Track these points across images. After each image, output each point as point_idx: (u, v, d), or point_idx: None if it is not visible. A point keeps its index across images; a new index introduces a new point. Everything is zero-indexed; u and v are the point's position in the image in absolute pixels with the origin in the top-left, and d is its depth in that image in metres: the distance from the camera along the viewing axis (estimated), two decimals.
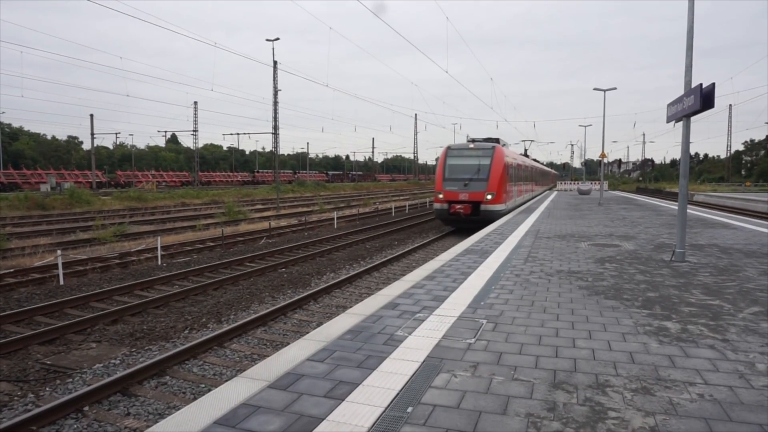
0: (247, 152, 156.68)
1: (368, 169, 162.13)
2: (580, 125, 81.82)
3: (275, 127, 45.66)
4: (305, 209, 39.83)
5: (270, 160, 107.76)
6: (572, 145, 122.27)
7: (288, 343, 7.63)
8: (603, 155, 36.18)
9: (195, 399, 6.40)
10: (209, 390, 6.69)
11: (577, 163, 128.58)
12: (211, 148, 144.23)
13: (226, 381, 4.39)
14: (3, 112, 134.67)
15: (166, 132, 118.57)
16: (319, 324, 9.58)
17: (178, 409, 4.33)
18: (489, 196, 23.05)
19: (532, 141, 61.95)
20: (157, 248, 16.43)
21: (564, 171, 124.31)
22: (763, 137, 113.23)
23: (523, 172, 33.27)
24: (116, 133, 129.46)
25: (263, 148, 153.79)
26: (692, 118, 10.38)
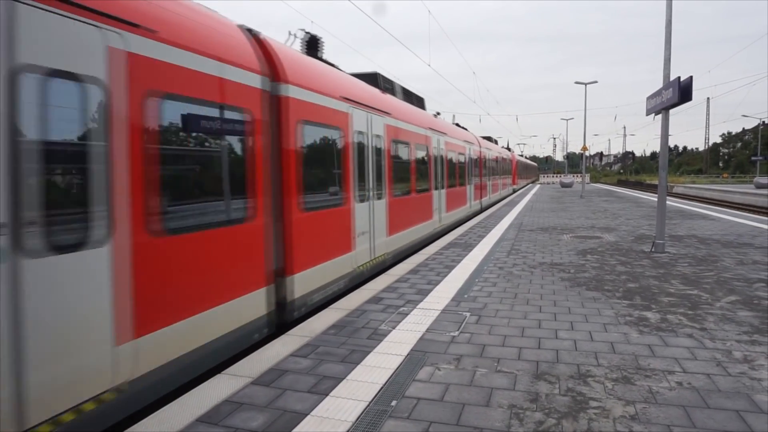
0: None
1: None
2: (562, 119, 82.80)
3: None
4: None
5: None
6: (554, 138, 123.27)
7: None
8: (585, 148, 36.52)
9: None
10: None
11: (559, 157, 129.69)
12: None
13: (209, 379, 4.34)
14: None
15: None
16: None
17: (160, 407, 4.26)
18: None
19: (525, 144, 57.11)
20: None
21: (546, 164, 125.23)
22: (740, 129, 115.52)
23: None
24: None
25: None
26: (671, 111, 10.55)
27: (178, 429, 3.44)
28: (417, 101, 13.83)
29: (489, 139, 32.85)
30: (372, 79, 10.78)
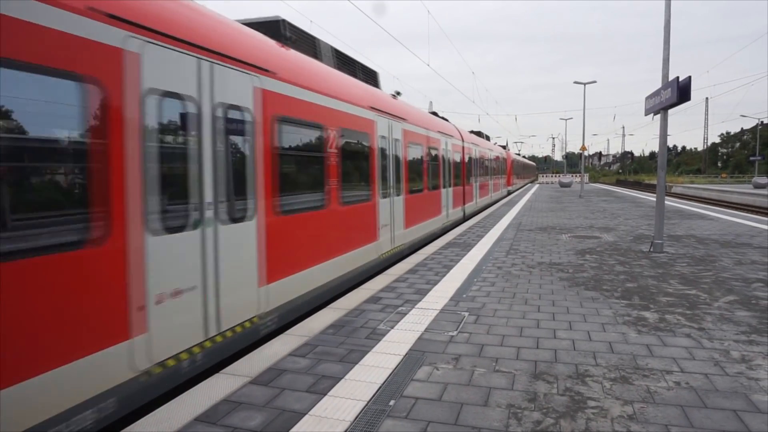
0: None
1: None
2: (560, 118, 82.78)
3: None
4: None
5: None
6: (553, 138, 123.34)
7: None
8: (583, 148, 36.55)
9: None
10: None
11: (558, 156, 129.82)
12: None
13: (207, 378, 4.34)
14: None
15: None
16: None
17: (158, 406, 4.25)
18: None
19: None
20: None
21: (545, 164, 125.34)
22: (738, 129, 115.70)
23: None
24: None
25: None
26: (670, 111, 10.56)
27: (177, 428, 3.44)
28: (362, 73, 10.25)
29: (479, 134, 28.87)
30: (272, 29, 7.04)
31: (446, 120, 18.86)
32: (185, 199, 4.60)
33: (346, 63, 9.55)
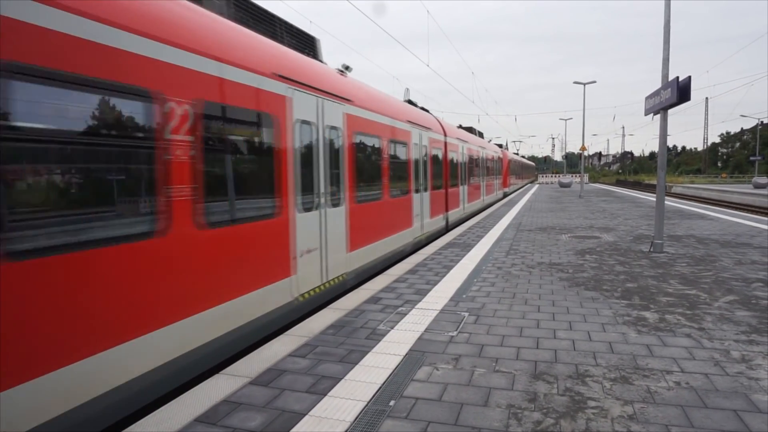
0: None
1: None
2: (560, 119, 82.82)
3: None
4: None
5: None
6: (553, 138, 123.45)
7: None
8: (583, 148, 36.55)
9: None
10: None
11: (558, 156, 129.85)
12: None
13: (207, 379, 4.34)
14: None
15: None
16: None
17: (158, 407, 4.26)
18: None
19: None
20: None
21: (545, 164, 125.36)
22: (738, 129, 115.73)
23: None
24: None
25: None
26: (669, 111, 10.56)
27: (177, 429, 3.43)
28: (288, 35, 7.84)
29: (470, 130, 25.80)
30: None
31: (426, 111, 15.81)
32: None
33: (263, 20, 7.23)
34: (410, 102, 14.81)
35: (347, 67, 9.58)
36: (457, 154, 17.50)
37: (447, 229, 15.76)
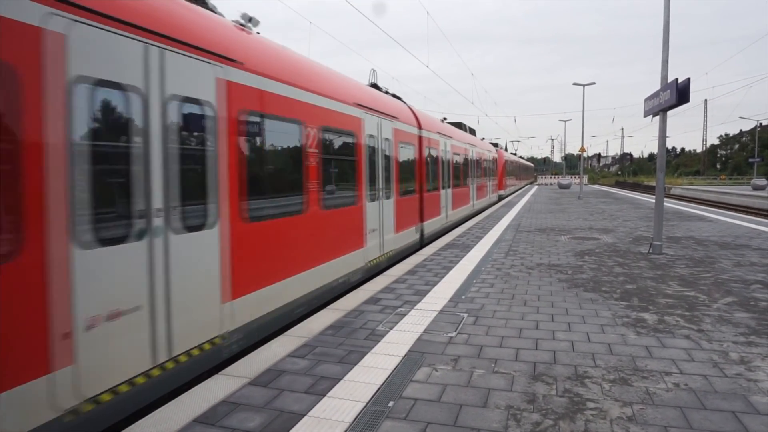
0: None
1: None
2: (560, 120, 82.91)
3: None
4: None
5: None
6: (552, 139, 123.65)
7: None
8: (582, 149, 36.60)
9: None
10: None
11: (557, 158, 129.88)
12: None
13: (206, 379, 4.33)
14: None
15: None
16: None
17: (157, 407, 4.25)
18: None
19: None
20: None
21: (545, 165, 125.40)
22: (737, 131, 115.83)
23: None
24: None
25: None
26: (669, 113, 10.58)
27: (176, 429, 3.43)
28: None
29: (460, 125, 22.50)
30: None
31: (398, 98, 13.06)
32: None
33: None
34: (375, 86, 11.93)
35: (251, 19, 6.49)
36: (437, 152, 14.96)
37: (421, 244, 12.88)
